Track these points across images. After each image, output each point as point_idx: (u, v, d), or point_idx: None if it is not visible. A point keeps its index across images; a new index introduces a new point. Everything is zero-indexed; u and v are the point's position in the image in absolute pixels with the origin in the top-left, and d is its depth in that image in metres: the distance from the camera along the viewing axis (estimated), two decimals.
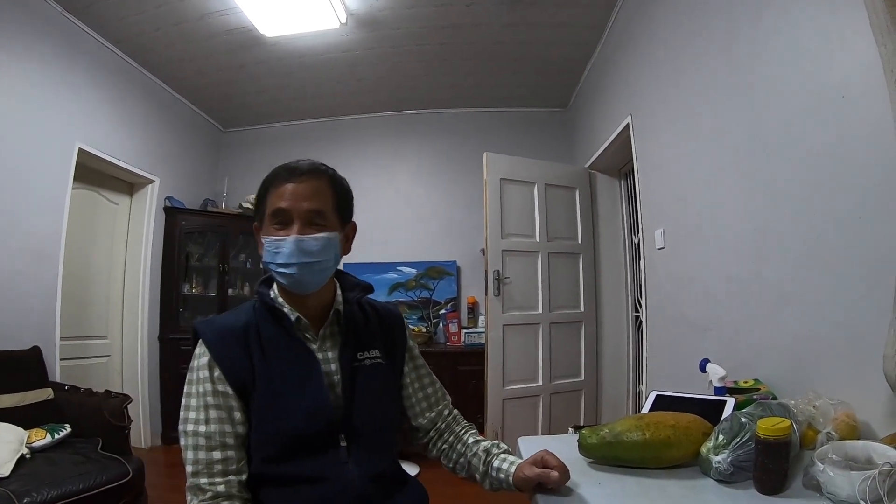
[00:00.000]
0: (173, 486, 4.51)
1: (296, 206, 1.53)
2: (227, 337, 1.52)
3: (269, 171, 1.62)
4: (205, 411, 1.46)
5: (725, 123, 2.84)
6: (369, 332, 1.72)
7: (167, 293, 6.04)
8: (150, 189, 5.88)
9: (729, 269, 2.85)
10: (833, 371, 2.04)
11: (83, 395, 4.02)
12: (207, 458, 1.42)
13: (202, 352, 1.51)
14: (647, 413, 1.82)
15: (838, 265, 2.01)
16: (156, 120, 5.91)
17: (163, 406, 5.99)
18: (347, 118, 6.86)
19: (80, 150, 4.73)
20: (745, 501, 1.35)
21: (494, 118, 6.74)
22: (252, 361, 1.51)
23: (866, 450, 1.37)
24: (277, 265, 1.53)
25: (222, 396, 1.47)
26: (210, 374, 1.48)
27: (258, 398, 1.48)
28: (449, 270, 6.48)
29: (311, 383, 1.53)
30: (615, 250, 5.52)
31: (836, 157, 1.99)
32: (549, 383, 5.14)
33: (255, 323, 1.57)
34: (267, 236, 1.56)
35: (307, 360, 1.56)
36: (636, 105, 4.18)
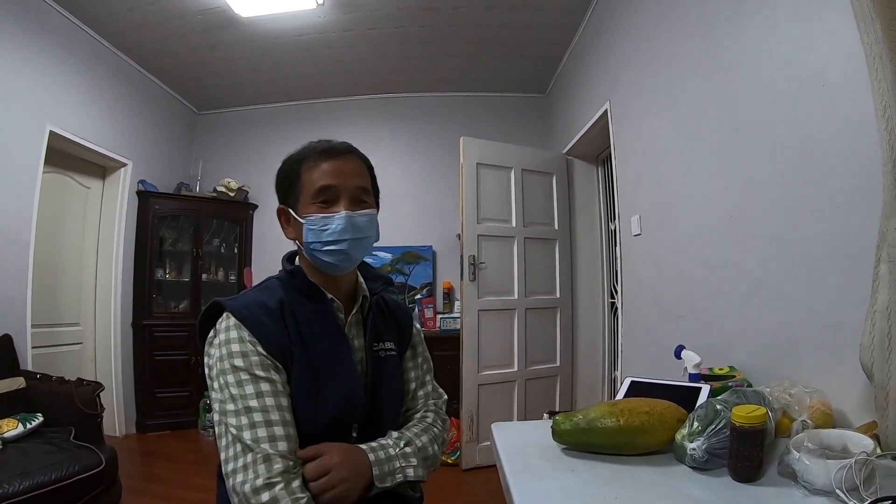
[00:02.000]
0: (147, 475, 4.53)
1: (344, 182, 1.51)
2: (264, 314, 1.44)
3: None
4: (253, 384, 1.35)
5: (703, 109, 2.84)
6: (386, 324, 1.71)
7: (140, 279, 5.98)
8: (122, 172, 5.80)
9: (704, 255, 2.85)
10: (808, 359, 2.04)
11: (55, 383, 3.99)
12: (269, 434, 1.31)
13: (234, 324, 1.41)
14: (622, 399, 1.81)
15: (814, 254, 2.01)
16: (129, 102, 5.83)
17: (136, 393, 5.94)
18: (324, 101, 6.82)
19: (51, 132, 4.66)
20: (719, 489, 1.34)
21: (473, 103, 6.72)
22: (290, 341, 1.45)
23: (842, 438, 1.37)
24: (325, 243, 1.49)
25: (273, 369, 1.39)
26: (254, 347, 1.38)
27: (294, 383, 1.43)
28: (425, 255, 6.47)
29: (345, 370, 1.51)
30: (591, 237, 5.53)
31: (816, 145, 1.99)
32: (524, 369, 5.15)
33: (289, 302, 1.51)
34: (310, 215, 1.50)
35: (342, 345, 1.54)
36: (615, 91, 4.17)
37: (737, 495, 1.30)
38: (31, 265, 4.54)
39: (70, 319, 5.50)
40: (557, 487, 1.35)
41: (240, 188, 6.54)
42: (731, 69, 2.57)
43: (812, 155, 2.01)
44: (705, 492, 1.32)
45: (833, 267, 1.91)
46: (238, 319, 1.41)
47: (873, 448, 1.29)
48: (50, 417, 3.73)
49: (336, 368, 1.49)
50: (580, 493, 1.31)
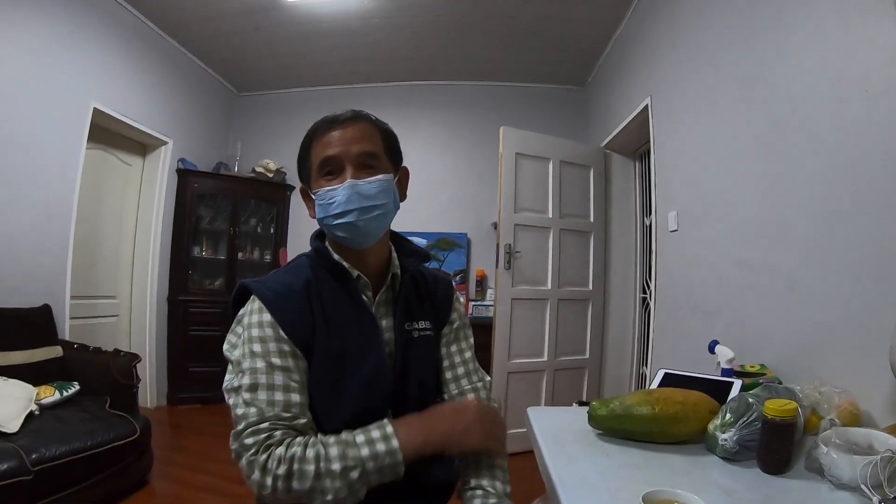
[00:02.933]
0: (178, 447, 4.60)
1: (345, 150, 1.44)
2: (289, 296, 1.42)
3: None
4: (267, 369, 1.33)
5: (745, 109, 2.84)
6: (420, 303, 1.65)
7: (177, 255, 6.07)
8: (163, 151, 5.89)
9: (739, 253, 2.86)
10: (838, 360, 2.07)
11: (92, 353, 4.11)
12: (269, 399, 1.31)
13: (259, 308, 1.39)
14: (657, 388, 1.85)
15: (848, 257, 2.03)
16: (170, 81, 5.91)
17: (169, 367, 6.06)
18: (362, 86, 6.85)
19: (95, 109, 4.75)
20: (748, 479, 1.38)
21: (511, 93, 6.71)
22: (314, 323, 1.42)
23: (868, 437, 1.40)
24: (334, 217, 1.44)
25: (290, 357, 1.37)
26: (275, 332, 1.37)
27: (317, 363, 1.41)
28: (459, 242, 6.50)
29: (372, 351, 1.46)
30: (626, 231, 5.52)
31: (856, 149, 2.00)
32: (554, 359, 5.17)
33: (315, 282, 1.48)
34: (318, 189, 1.47)
35: (369, 326, 1.49)
36: (656, 86, 4.17)
37: (765, 486, 1.34)
38: (72, 238, 4.65)
39: (107, 292, 5.61)
40: (593, 470, 1.40)
41: (278, 170, 6.59)
42: (773, 71, 2.58)
43: (852, 158, 2.02)
44: (735, 482, 1.36)
45: (867, 270, 1.92)
46: (263, 303, 1.39)
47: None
48: (86, 386, 3.83)
49: (362, 349, 1.45)
50: (614, 476, 1.36)
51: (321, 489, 1.22)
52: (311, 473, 1.22)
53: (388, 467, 1.26)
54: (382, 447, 1.26)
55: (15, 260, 4.10)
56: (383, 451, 1.25)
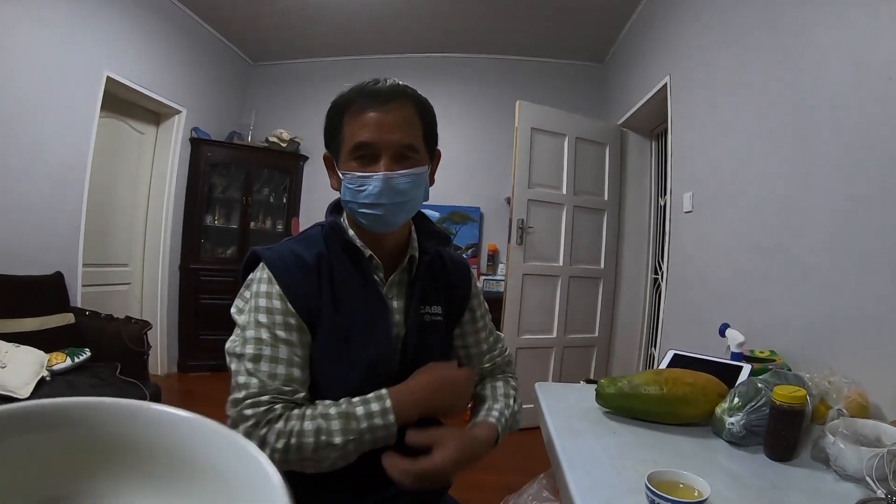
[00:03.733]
0: None
1: (384, 139, 1.34)
2: (299, 268, 1.37)
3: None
4: (272, 341, 1.29)
5: (764, 92, 2.81)
6: (435, 287, 1.58)
7: (190, 224, 6.10)
8: (176, 119, 5.88)
9: (755, 238, 2.85)
10: (849, 351, 2.06)
11: (104, 320, 4.14)
12: (271, 371, 1.27)
13: (268, 278, 1.34)
14: (666, 369, 1.85)
15: (866, 247, 2.01)
16: (185, 50, 5.88)
17: (180, 334, 6.11)
18: (379, 57, 6.80)
19: (108, 78, 4.74)
20: (754, 465, 1.38)
21: (529, 67, 6.66)
22: (321, 299, 1.37)
23: (876, 429, 1.40)
24: (360, 204, 1.37)
25: (296, 331, 1.32)
26: (283, 304, 1.32)
27: (321, 342, 1.36)
28: (472, 216, 6.49)
29: (379, 334, 1.41)
30: (640, 210, 5.51)
31: (878, 138, 1.98)
32: (563, 336, 5.20)
33: (327, 257, 1.42)
34: (348, 172, 1.37)
35: (379, 308, 1.43)
36: (676, 66, 4.13)
37: (770, 473, 1.34)
38: (85, 207, 4.67)
39: (120, 260, 5.65)
40: (599, 447, 1.41)
41: (291, 139, 6.58)
42: (796, 55, 2.55)
43: (873, 148, 2.00)
44: (740, 466, 1.36)
45: (884, 262, 1.91)
46: (271, 272, 1.34)
47: None
48: (97, 353, 3.85)
49: (369, 330, 1.40)
50: (620, 455, 1.37)
51: (318, 459, 1.23)
52: (310, 447, 1.21)
53: (383, 438, 1.27)
54: (380, 421, 1.26)
55: (28, 228, 4.12)
56: (381, 425, 1.26)
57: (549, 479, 2.87)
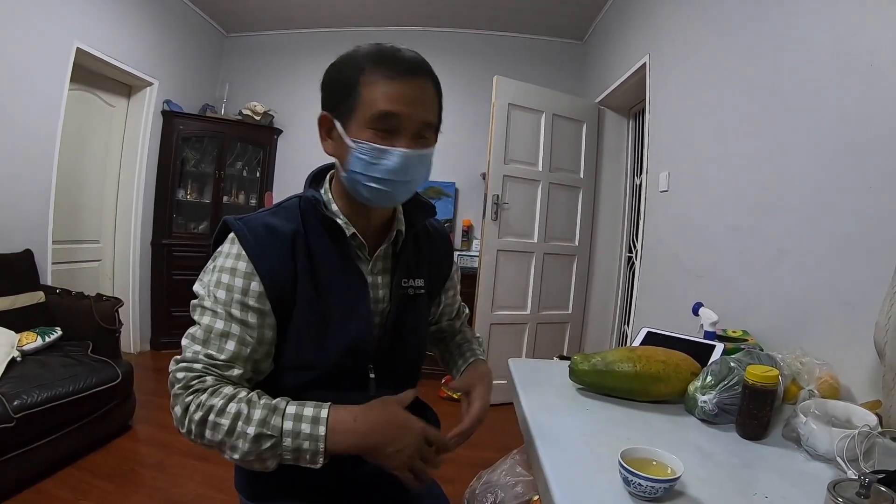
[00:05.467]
0: (161, 391, 4.58)
1: (411, 113, 1.27)
2: (271, 243, 1.31)
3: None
4: (226, 316, 1.25)
5: (745, 73, 2.81)
6: (418, 260, 1.56)
7: (161, 198, 5.99)
8: (148, 92, 5.73)
9: (730, 219, 2.86)
10: (821, 333, 2.08)
11: (74, 298, 4.07)
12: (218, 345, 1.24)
13: (236, 253, 1.29)
14: (640, 346, 1.86)
15: (841, 231, 2.02)
16: (157, 20, 5.72)
17: (152, 312, 6.05)
18: (355, 30, 6.69)
19: (78, 49, 4.60)
20: (726, 442, 1.40)
21: (508, 43, 6.61)
22: (296, 276, 1.32)
23: (847, 411, 1.42)
24: (371, 178, 1.28)
25: (256, 313, 1.27)
26: (246, 283, 1.26)
27: (298, 321, 1.32)
28: (447, 191, 6.46)
29: (358, 312, 1.37)
30: (616, 189, 5.52)
31: (855, 123, 1.99)
32: (536, 313, 5.23)
33: (304, 232, 1.35)
34: (363, 141, 1.27)
35: (357, 286, 1.39)
36: (656, 45, 4.12)
37: (742, 451, 1.36)
38: (54, 182, 4.56)
39: (90, 236, 5.54)
40: (572, 423, 1.41)
41: (265, 112, 6.48)
42: (777, 37, 2.55)
43: (851, 132, 2.01)
44: (713, 444, 1.38)
45: (858, 246, 1.92)
46: (242, 246, 1.29)
47: (876, 424, 1.34)
48: (68, 331, 3.83)
49: (347, 309, 1.36)
50: (593, 431, 1.37)
51: (231, 446, 1.17)
52: (224, 429, 1.15)
53: (306, 451, 1.15)
54: (308, 429, 1.15)
55: None
56: (306, 433, 1.15)
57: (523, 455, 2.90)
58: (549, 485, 1.12)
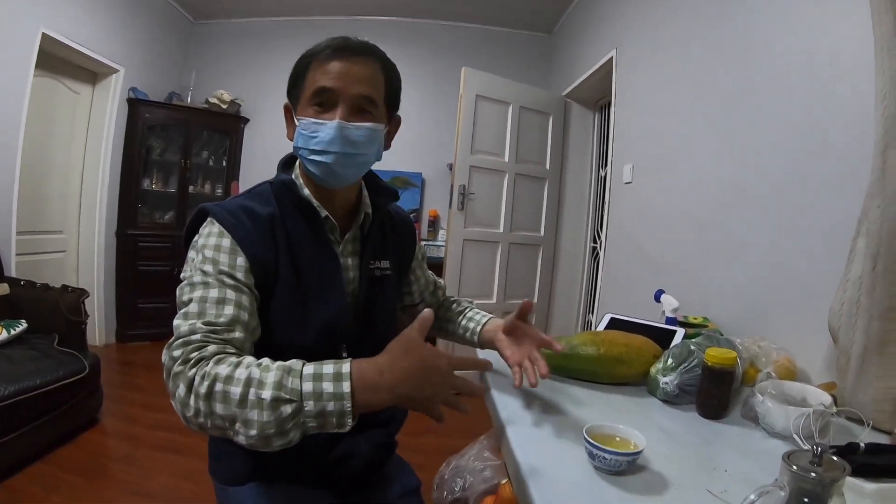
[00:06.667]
0: (128, 384, 4.55)
1: (344, 87, 1.32)
2: (251, 224, 1.32)
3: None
4: (217, 283, 1.21)
5: (711, 70, 2.87)
6: (384, 242, 1.61)
7: (126, 188, 5.87)
8: (113, 79, 5.61)
9: (693, 211, 2.92)
10: (780, 321, 2.15)
11: (39, 290, 4.01)
12: (208, 311, 1.18)
13: (218, 232, 1.28)
14: (603, 331, 1.90)
15: (800, 224, 2.09)
16: (124, 6, 5.58)
17: (118, 303, 5.94)
18: (324, 18, 6.67)
19: (44, 35, 4.49)
20: (687, 422, 1.45)
21: (476, 35, 6.63)
22: (277, 257, 1.33)
23: (802, 391, 1.47)
24: (311, 151, 1.34)
25: (244, 286, 1.24)
26: (232, 258, 1.25)
27: (278, 303, 1.32)
28: (414, 181, 6.47)
29: (334, 293, 1.40)
30: (581, 180, 5.58)
31: (816, 122, 2.05)
32: (503, 302, 5.27)
33: (281, 216, 1.38)
34: (303, 117, 1.35)
35: (333, 266, 1.42)
36: (623, 39, 4.16)
37: (703, 429, 1.40)
38: (18, 172, 4.46)
39: (54, 227, 5.42)
40: (538, 404, 1.45)
41: (232, 101, 6.41)
42: (742, 36, 2.60)
43: (812, 130, 2.07)
44: (675, 423, 1.42)
45: (815, 239, 1.99)
46: (222, 226, 1.28)
47: (831, 403, 1.38)
48: (34, 324, 3.77)
49: (324, 289, 1.38)
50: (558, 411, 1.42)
51: (244, 420, 1.01)
52: (236, 397, 1.01)
53: (332, 413, 1.02)
54: (330, 388, 1.02)
55: None
56: (330, 392, 1.02)
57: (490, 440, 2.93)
58: (517, 461, 1.15)
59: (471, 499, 2.78)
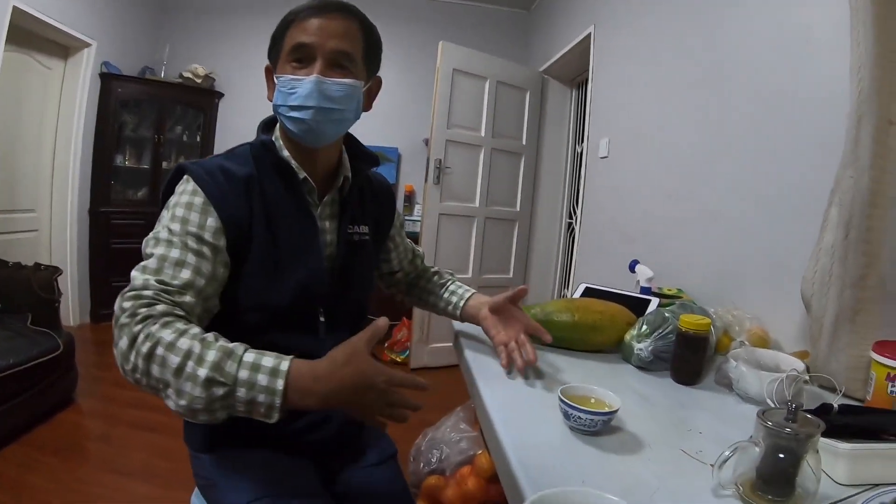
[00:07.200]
0: (103, 364, 4.50)
1: (322, 42, 1.32)
2: (227, 184, 1.31)
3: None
4: (180, 245, 1.21)
5: (686, 46, 2.87)
6: (363, 207, 1.61)
7: (99, 165, 5.75)
8: (85, 53, 5.44)
9: (667, 184, 2.94)
10: (753, 291, 2.17)
11: (12, 269, 3.94)
12: (167, 272, 1.17)
13: (192, 190, 1.28)
14: (578, 298, 1.91)
15: (773, 195, 2.11)
16: None
17: (91, 282, 5.83)
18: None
19: (15, 8, 4.35)
20: (662, 387, 1.46)
21: (453, 10, 6.59)
22: (252, 218, 1.33)
23: (775, 359, 1.48)
24: (290, 108, 1.33)
25: (211, 248, 1.24)
26: (202, 218, 1.25)
27: (252, 263, 1.32)
28: (390, 156, 6.44)
29: (310, 256, 1.40)
30: (557, 156, 5.58)
31: (789, 95, 2.06)
32: (478, 276, 5.27)
33: (258, 176, 1.37)
34: (282, 74, 1.36)
35: (310, 229, 1.42)
36: (601, 16, 4.15)
37: (677, 394, 1.42)
38: None
39: (26, 205, 5.30)
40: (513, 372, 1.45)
41: (207, 75, 6.27)
42: (717, 11, 2.61)
43: (785, 102, 2.09)
44: (649, 388, 1.44)
45: (788, 209, 2.01)
46: (197, 184, 1.28)
47: (804, 369, 1.40)
48: (6, 303, 3.72)
49: (300, 252, 1.39)
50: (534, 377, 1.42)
51: (177, 389, 1.04)
52: (173, 366, 1.03)
53: (261, 405, 1.04)
54: (265, 381, 1.04)
55: None
56: (262, 385, 1.03)
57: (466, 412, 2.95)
58: (493, 423, 1.15)
59: (447, 470, 2.80)
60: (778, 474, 0.89)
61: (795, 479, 0.88)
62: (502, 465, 1.03)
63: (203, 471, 1.45)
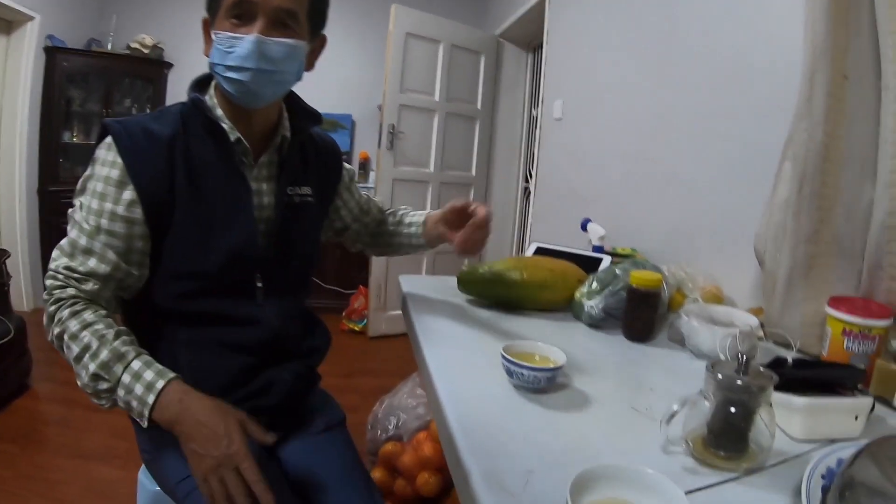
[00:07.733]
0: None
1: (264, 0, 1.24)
2: (148, 147, 1.26)
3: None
4: (92, 231, 1.22)
5: (642, 8, 2.83)
6: (305, 167, 1.55)
7: (46, 142, 5.54)
8: (28, 27, 5.20)
9: (622, 145, 2.90)
10: (708, 250, 2.15)
11: None
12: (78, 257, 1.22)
13: (112, 160, 1.24)
14: (527, 256, 1.87)
15: (728, 155, 2.08)
16: None
17: (43, 265, 5.57)
18: None
19: None
20: (614, 344, 1.43)
21: None
22: (174, 183, 1.28)
23: (729, 315, 1.45)
24: (227, 67, 1.26)
25: (125, 222, 1.24)
26: (118, 192, 1.23)
27: (177, 229, 1.28)
28: (343, 123, 6.34)
29: (241, 219, 1.35)
30: (513, 120, 5.55)
31: (743, 56, 2.04)
32: None
33: (184, 136, 1.32)
34: (220, 31, 1.27)
35: (240, 191, 1.36)
36: None
37: (630, 351, 1.39)
38: None
39: None
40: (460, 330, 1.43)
41: (154, 45, 6.08)
42: None
43: (737, 63, 2.06)
44: (600, 345, 1.41)
45: (743, 168, 1.98)
46: (116, 146, 1.24)
47: (757, 325, 1.37)
48: None
49: (230, 215, 1.34)
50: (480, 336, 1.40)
51: (77, 371, 1.19)
52: (73, 353, 1.18)
53: (133, 409, 1.14)
54: (140, 391, 1.13)
55: None
56: (137, 395, 1.13)
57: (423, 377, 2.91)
58: (433, 382, 1.12)
59: (405, 436, 2.79)
60: (729, 429, 0.85)
61: (748, 434, 0.85)
62: (441, 425, 0.99)
63: (147, 445, 1.42)
